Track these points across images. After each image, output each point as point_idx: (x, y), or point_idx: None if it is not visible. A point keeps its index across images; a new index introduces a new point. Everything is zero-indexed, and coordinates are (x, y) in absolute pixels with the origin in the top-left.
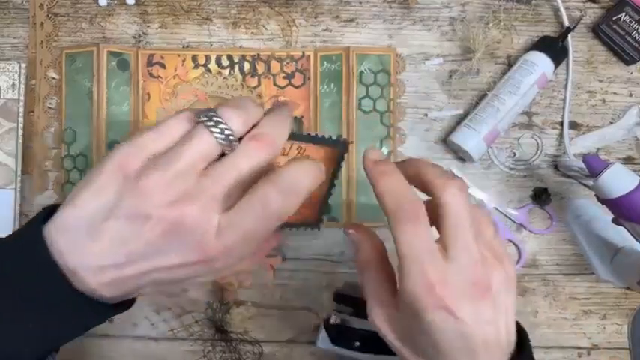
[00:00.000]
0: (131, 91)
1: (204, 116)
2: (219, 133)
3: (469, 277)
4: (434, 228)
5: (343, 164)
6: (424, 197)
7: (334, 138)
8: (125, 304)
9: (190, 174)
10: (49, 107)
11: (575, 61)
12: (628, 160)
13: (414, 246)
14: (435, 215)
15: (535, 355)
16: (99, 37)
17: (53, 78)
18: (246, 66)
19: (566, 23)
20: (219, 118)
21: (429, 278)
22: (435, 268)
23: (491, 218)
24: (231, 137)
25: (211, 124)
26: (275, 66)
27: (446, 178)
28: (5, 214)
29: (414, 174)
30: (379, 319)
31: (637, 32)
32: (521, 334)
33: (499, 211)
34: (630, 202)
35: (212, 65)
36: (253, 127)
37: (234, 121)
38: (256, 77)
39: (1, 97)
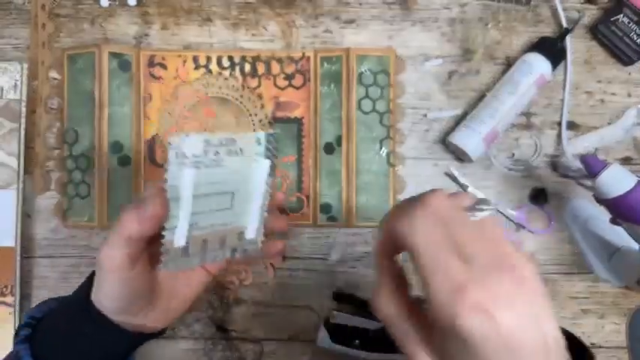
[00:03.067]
0: (132, 92)
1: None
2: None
3: (496, 271)
4: None
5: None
6: None
7: None
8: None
9: None
10: (51, 108)
11: (573, 62)
12: (626, 161)
13: (431, 248)
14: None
15: None
16: (100, 38)
17: (55, 79)
18: (247, 67)
19: (565, 24)
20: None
21: (456, 279)
22: (459, 267)
23: (495, 219)
24: None
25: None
26: (275, 67)
27: (414, 202)
28: (7, 215)
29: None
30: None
31: (635, 33)
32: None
33: (498, 211)
34: (628, 202)
35: (213, 66)
36: None
37: None
38: (257, 78)
39: (3, 97)
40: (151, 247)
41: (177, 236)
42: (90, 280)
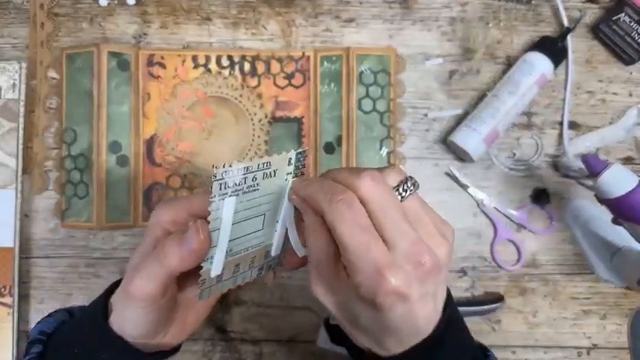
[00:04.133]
0: (131, 91)
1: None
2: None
3: (414, 258)
4: None
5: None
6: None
7: None
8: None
9: None
10: (50, 107)
11: (574, 62)
12: (627, 160)
13: (356, 232)
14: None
15: (535, 355)
16: (99, 37)
17: (53, 78)
18: (247, 66)
19: (566, 23)
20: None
21: (378, 263)
22: (382, 253)
23: (419, 197)
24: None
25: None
26: (275, 66)
27: (357, 174)
28: (5, 214)
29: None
30: (319, 290)
31: (636, 32)
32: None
33: (499, 211)
34: (630, 202)
35: (212, 65)
36: None
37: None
38: (256, 77)
39: (2, 97)
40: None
41: (215, 265)
42: (106, 297)
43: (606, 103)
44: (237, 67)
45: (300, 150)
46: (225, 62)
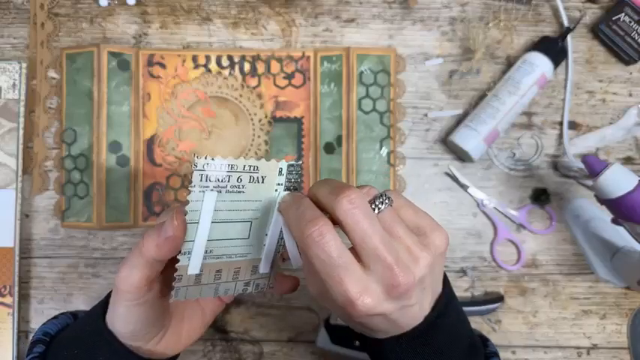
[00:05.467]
0: (131, 91)
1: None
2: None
3: (388, 282)
4: None
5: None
6: None
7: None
8: None
9: None
10: (50, 107)
11: (574, 62)
12: (627, 161)
13: (327, 264)
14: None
15: (535, 355)
16: (99, 37)
17: (53, 78)
18: (247, 66)
19: (566, 23)
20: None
21: (349, 295)
22: (354, 281)
23: (402, 203)
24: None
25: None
26: (275, 66)
27: (335, 195)
28: (5, 214)
29: (313, 199)
30: (312, 291)
31: (636, 32)
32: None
33: (499, 211)
34: (629, 202)
35: (212, 65)
36: None
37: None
38: (256, 77)
39: (2, 97)
40: (166, 273)
41: (192, 262)
42: (106, 301)
43: (606, 103)
44: (237, 67)
45: (292, 162)
46: (225, 62)
